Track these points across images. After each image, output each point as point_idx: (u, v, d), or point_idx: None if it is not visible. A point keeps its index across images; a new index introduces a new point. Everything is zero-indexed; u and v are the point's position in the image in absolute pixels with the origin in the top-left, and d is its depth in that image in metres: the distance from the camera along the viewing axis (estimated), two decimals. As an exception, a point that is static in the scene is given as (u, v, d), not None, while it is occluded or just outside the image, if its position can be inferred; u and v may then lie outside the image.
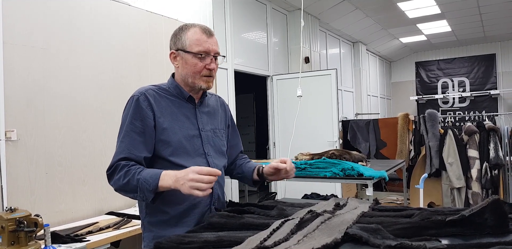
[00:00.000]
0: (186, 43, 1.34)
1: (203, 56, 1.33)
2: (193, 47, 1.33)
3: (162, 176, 1.19)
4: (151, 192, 1.19)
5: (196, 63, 1.33)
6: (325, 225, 1.06)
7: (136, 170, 1.23)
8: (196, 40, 1.33)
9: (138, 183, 1.20)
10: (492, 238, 0.93)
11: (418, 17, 7.21)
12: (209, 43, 1.34)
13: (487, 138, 4.43)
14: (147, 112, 1.31)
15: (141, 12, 3.08)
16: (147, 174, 1.21)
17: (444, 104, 10.08)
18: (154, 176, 1.19)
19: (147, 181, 1.19)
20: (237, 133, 1.63)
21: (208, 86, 1.37)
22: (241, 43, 5.03)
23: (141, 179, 1.20)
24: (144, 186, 1.19)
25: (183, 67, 1.36)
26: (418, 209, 1.19)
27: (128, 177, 1.22)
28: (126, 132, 1.30)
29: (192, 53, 1.33)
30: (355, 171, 2.55)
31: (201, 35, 1.34)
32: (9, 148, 2.18)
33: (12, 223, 1.58)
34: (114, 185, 1.27)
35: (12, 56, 2.23)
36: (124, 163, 1.25)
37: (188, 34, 1.35)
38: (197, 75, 1.34)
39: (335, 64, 7.60)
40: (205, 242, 1.02)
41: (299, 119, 4.35)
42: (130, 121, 1.30)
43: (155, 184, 1.18)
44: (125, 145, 1.29)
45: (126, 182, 1.22)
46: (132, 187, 1.22)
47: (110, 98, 2.78)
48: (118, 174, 1.25)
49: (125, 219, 2.41)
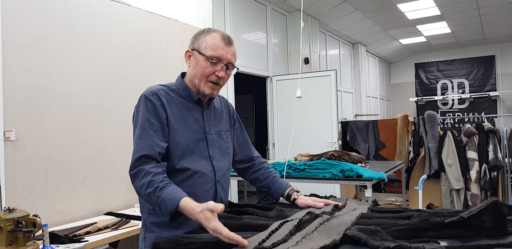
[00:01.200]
0: (202, 45, 1.34)
1: (214, 61, 1.33)
2: (208, 50, 1.33)
3: (181, 204, 1.14)
4: (168, 215, 1.17)
5: (205, 67, 1.33)
6: (324, 227, 1.06)
7: (159, 184, 1.19)
8: (213, 45, 1.33)
9: (158, 201, 1.18)
10: (490, 240, 0.93)
11: (418, 18, 7.22)
12: (225, 51, 1.34)
13: (486, 140, 4.43)
14: (161, 111, 1.31)
15: (140, 12, 3.08)
16: (168, 194, 1.17)
17: (444, 106, 10.09)
18: (173, 199, 1.15)
19: (165, 203, 1.16)
20: (243, 129, 1.62)
21: (211, 93, 1.36)
22: (240, 44, 5.04)
23: (161, 198, 1.17)
24: (163, 207, 1.17)
25: (193, 67, 1.37)
26: (417, 211, 1.19)
27: (150, 189, 1.19)
28: (143, 129, 1.28)
29: (205, 56, 1.33)
30: (354, 172, 2.55)
31: (219, 41, 1.34)
32: (8, 148, 2.18)
33: (10, 223, 1.57)
34: (137, 190, 1.25)
35: (11, 56, 2.23)
36: (149, 169, 1.22)
37: (208, 37, 1.35)
38: (204, 78, 1.34)
39: (335, 65, 7.61)
40: (204, 243, 1.02)
41: (298, 120, 4.35)
42: (147, 119, 1.29)
43: (173, 209, 1.15)
44: (145, 142, 1.26)
45: (148, 194, 1.19)
46: (152, 202, 1.20)
47: (109, 98, 2.78)
48: (141, 181, 1.21)
49: (124, 219, 2.41)
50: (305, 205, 1.40)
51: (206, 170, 1.37)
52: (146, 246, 1.36)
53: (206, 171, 1.36)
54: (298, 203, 1.43)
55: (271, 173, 1.58)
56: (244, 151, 1.60)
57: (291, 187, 1.52)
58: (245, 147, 1.60)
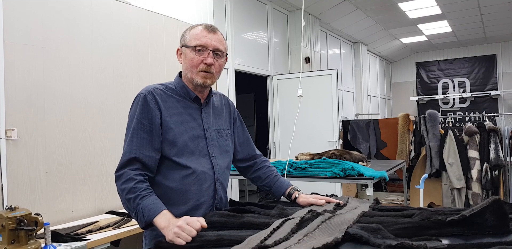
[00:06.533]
0: (187, 38, 1.36)
1: (199, 49, 1.33)
2: (192, 41, 1.34)
3: (160, 216, 1.17)
4: (143, 223, 1.20)
5: (193, 57, 1.34)
6: (326, 225, 1.06)
7: (141, 193, 1.21)
8: (196, 34, 1.35)
9: (136, 208, 1.20)
10: (492, 238, 0.93)
11: (419, 17, 7.21)
12: (208, 38, 1.34)
13: (487, 139, 4.42)
14: (154, 111, 1.31)
15: (141, 11, 3.08)
16: (148, 204, 1.19)
17: (445, 105, 10.08)
18: (152, 210, 1.18)
19: (144, 212, 1.19)
20: (245, 128, 1.62)
21: (204, 82, 1.34)
22: (241, 43, 5.03)
23: (140, 206, 1.19)
24: (140, 214, 1.19)
25: (184, 63, 1.38)
26: (419, 209, 1.19)
27: (131, 195, 1.21)
28: (134, 131, 1.29)
29: (190, 47, 1.34)
30: (356, 171, 2.55)
31: (201, 31, 1.35)
32: (10, 147, 2.18)
33: (12, 221, 1.57)
34: (119, 191, 1.26)
35: (13, 55, 2.23)
36: (133, 176, 1.24)
37: (192, 30, 1.37)
38: (194, 69, 1.34)
39: (336, 64, 7.60)
40: (205, 241, 1.02)
41: (299, 119, 4.35)
42: (138, 120, 1.30)
43: (149, 220, 1.18)
44: (134, 144, 1.28)
45: (128, 200, 1.22)
46: (130, 207, 1.23)
47: (110, 97, 2.78)
48: (124, 185, 1.23)
49: (125, 218, 2.41)
50: (307, 203, 1.40)
51: (205, 168, 1.37)
52: (146, 244, 1.37)
53: (205, 169, 1.36)
54: (300, 201, 1.44)
55: (273, 172, 1.59)
56: (246, 149, 1.60)
57: (292, 186, 1.53)
58: (246, 145, 1.60)
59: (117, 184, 1.27)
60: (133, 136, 1.29)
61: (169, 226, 1.11)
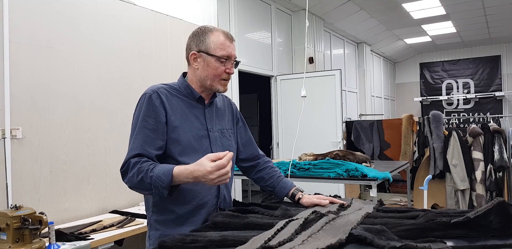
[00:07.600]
0: (210, 46, 1.35)
1: (225, 60, 1.36)
2: (217, 51, 1.35)
3: (175, 173, 1.19)
4: (165, 189, 1.19)
5: (217, 67, 1.36)
6: (330, 226, 1.06)
7: (148, 167, 1.22)
8: (221, 44, 1.36)
9: (151, 181, 1.20)
10: (497, 240, 0.93)
11: (423, 18, 7.19)
12: (231, 48, 1.38)
13: (491, 140, 4.40)
14: (159, 109, 1.32)
15: (145, 11, 3.09)
16: (160, 170, 1.20)
17: (449, 106, 10.04)
18: (166, 172, 1.19)
19: (160, 178, 1.19)
20: (247, 128, 1.63)
21: (225, 90, 1.41)
22: (245, 43, 5.03)
23: (154, 176, 1.20)
24: (158, 183, 1.19)
25: (203, 69, 1.37)
26: (423, 211, 1.19)
27: (141, 174, 1.22)
28: (139, 129, 1.30)
29: (215, 57, 1.35)
30: (359, 172, 2.55)
31: (224, 40, 1.37)
32: (15, 146, 2.19)
33: (17, 220, 1.59)
34: (128, 183, 1.27)
35: (18, 55, 2.24)
36: (136, 160, 1.25)
37: (212, 37, 1.36)
38: (217, 78, 1.37)
39: (339, 64, 7.59)
40: (209, 241, 1.02)
41: (303, 119, 4.32)
42: (143, 118, 1.31)
43: (169, 180, 1.18)
44: (139, 142, 1.29)
45: (140, 180, 1.22)
46: (146, 184, 1.22)
47: (114, 97, 2.79)
48: (131, 172, 1.24)
49: (129, 217, 2.42)
50: (310, 204, 1.40)
51: None
52: (151, 244, 1.37)
53: None
54: (303, 202, 1.44)
55: (276, 172, 1.59)
56: (248, 149, 1.60)
57: (296, 186, 1.53)
58: (249, 145, 1.61)
59: (125, 177, 1.27)
60: (137, 133, 1.30)
61: (198, 178, 1.16)
